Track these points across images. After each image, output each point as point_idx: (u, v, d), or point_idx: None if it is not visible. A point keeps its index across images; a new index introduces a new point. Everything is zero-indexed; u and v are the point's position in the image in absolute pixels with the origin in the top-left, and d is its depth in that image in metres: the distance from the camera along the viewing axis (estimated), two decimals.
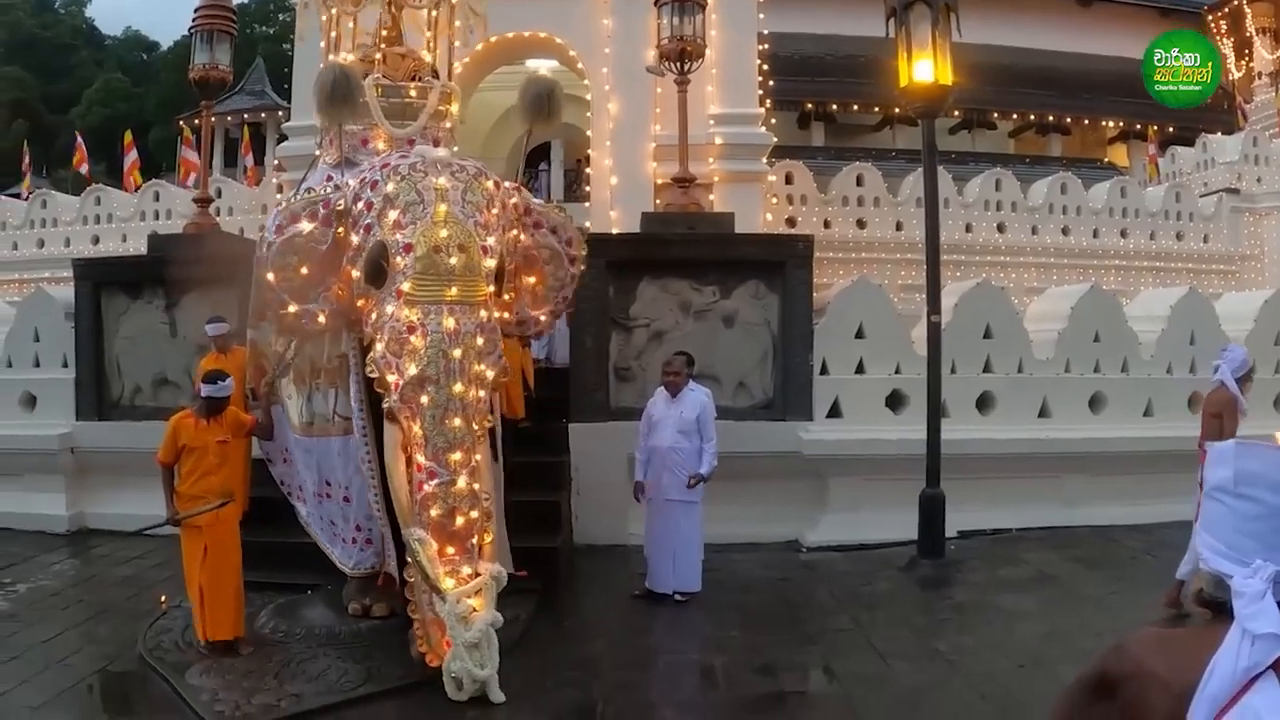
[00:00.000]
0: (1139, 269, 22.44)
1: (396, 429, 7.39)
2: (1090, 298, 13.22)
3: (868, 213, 20.21)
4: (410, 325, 7.35)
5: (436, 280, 7.41)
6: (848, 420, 12.06)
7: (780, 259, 12.23)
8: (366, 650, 8.20)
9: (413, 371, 7.30)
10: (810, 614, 9.75)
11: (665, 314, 12.14)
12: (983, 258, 20.83)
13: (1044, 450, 12.21)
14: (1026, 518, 12.08)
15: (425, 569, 7.09)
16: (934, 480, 10.95)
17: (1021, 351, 12.69)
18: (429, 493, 7.27)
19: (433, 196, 7.54)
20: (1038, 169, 28.04)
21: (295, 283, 7.74)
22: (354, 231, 7.68)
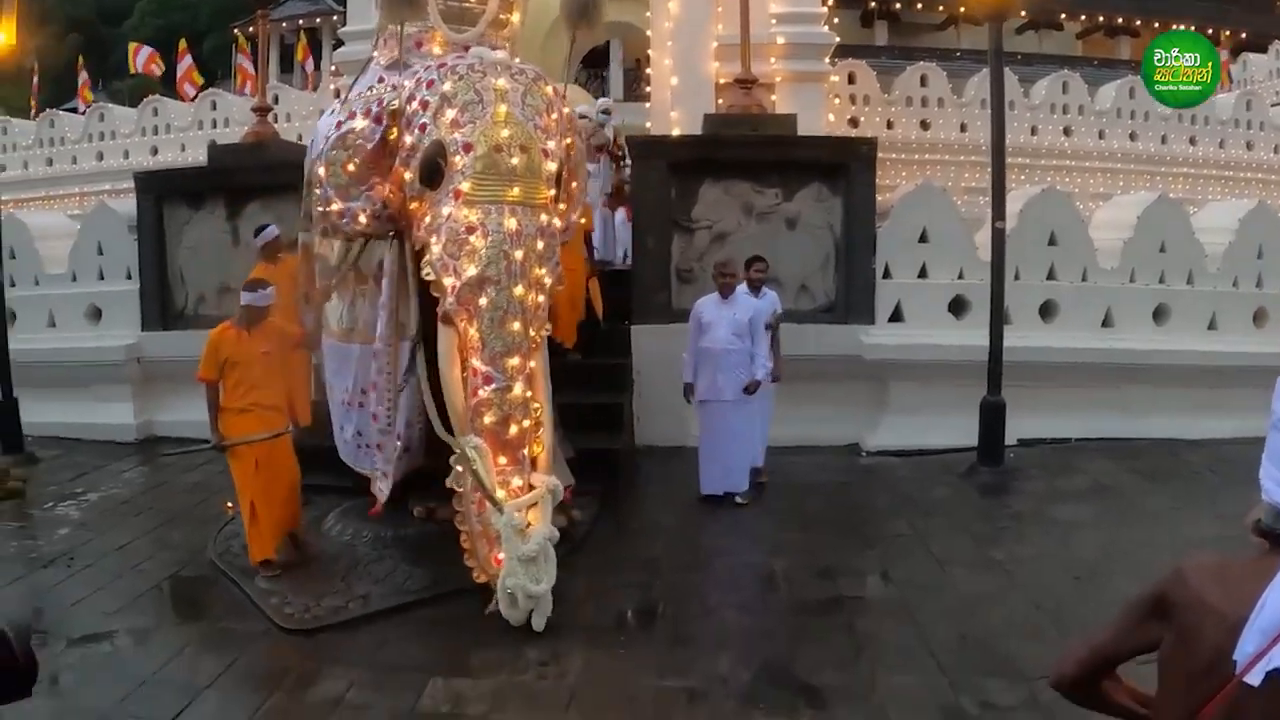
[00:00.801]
0: (1207, 178, 22.01)
1: (451, 332, 7.25)
2: (1158, 207, 12.97)
3: (931, 114, 19.85)
4: (469, 225, 7.16)
5: (498, 180, 7.24)
6: (909, 324, 11.98)
7: (843, 161, 12.10)
8: (433, 553, 8.26)
9: (471, 273, 7.11)
10: (869, 518, 9.82)
11: (727, 216, 12.07)
12: (1048, 162, 20.46)
13: (1106, 360, 12.08)
14: (1087, 427, 11.98)
15: (482, 479, 6.97)
16: (995, 387, 10.87)
17: (1086, 260, 12.49)
18: (484, 399, 7.13)
19: (492, 97, 7.32)
20: (1105, 72, 27.56)
21: (341, 180, 7.61)
22: (407, 131, 7.49)
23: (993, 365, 10.86)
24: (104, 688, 6.53)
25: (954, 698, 6.16)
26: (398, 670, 6.68)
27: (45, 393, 13.28)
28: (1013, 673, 6.44)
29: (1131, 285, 12.62)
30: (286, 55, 41.90)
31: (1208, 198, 20.42)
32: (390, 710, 6.16)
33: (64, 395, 13.50)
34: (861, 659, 6.77)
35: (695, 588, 7.95)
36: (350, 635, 7.30)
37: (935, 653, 6.77)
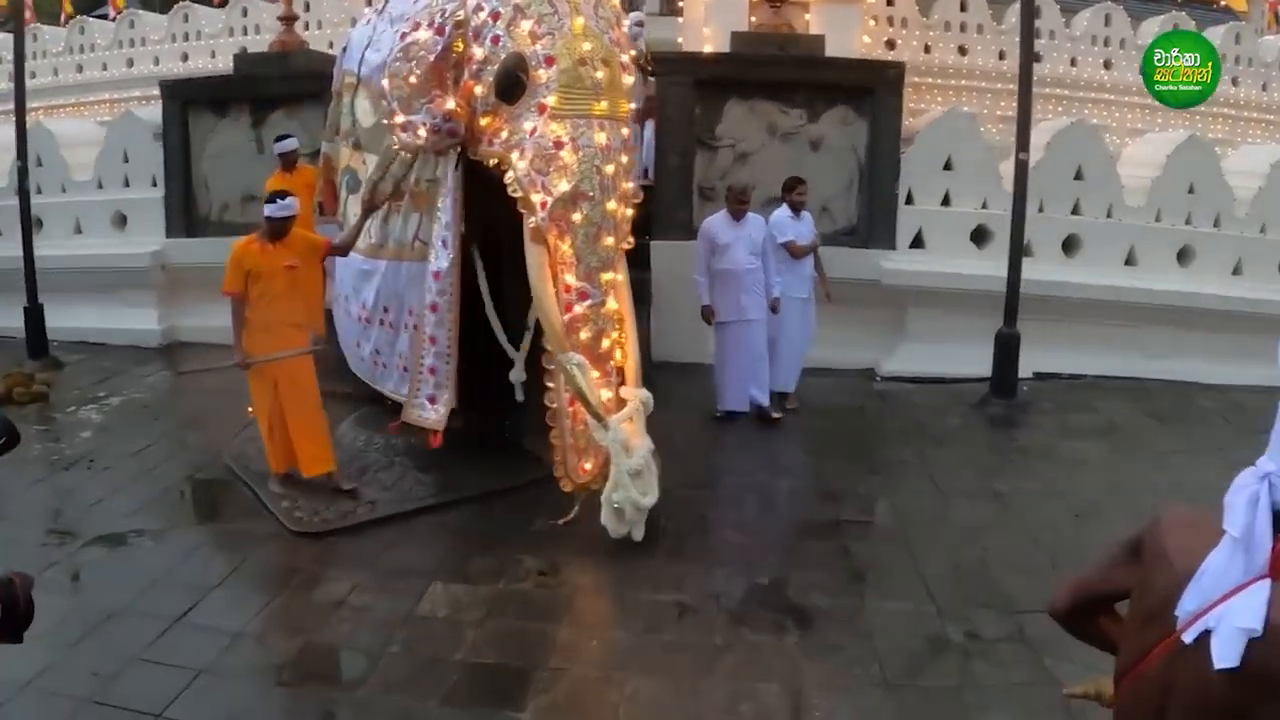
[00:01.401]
0: (1248, 120, 21.68)
1: (542, 249, 7.14)
2: (1188, 147, 12.77)
3: (970, 40, 19.58)
4: (558, 140, 7.07)
5: (584, 94, 7.14)
6: (930, 252, 11.91)
7: (870, 85, 11.98)
8: (442, 461, 8.34)
9: (564, 188, 7.04)
10: (878, 444, 9.89)
11: (751, 135, 11.99)
12: (1086, 94, 20.18)
13: (1127, 299, 11.94)
14: (1104, 365, 11.90)
15: (586, 394, 6.95)
16: (1011, 319, 10.83)
17: (1112, 196, 12.33)
18: (579, 314, 7.14)
19: (567, 9, 7.18)
20: (1151, 6, 27.06)
21: (404, 92, 7.36)
22: (476, 43, 7.27)
23: (1010, 297, 10.80)
24: (118, 585, 6.75)
25: (941, 626, 6.26)
26: (400, 575, 6.86)
27: (72, 298, 13.38)
28: (1002, 604, 6.54)
29: (1157, 225, 12.45)
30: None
31: (1247, 140, 20.17)
32: (389, 612, 6.35)
33: (90, 301, 13.61)
34: (853, 583, 6.88)
35: (697, 505, 8.04)
36: (356, 540, 7.50)
37: (927, 581, 6.87)
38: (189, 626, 6.17)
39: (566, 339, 7.05)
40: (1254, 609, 1.91)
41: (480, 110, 7.32)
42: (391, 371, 8.57)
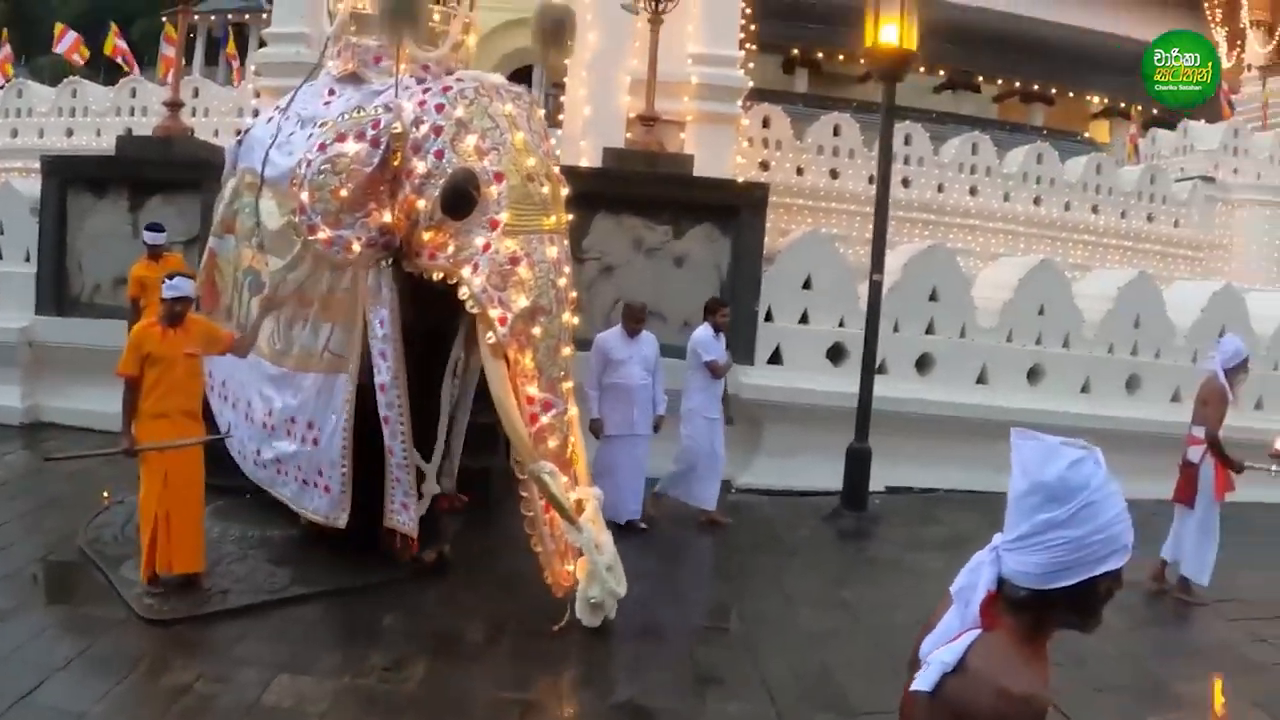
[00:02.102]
0: (1106, 246, 22.57)
1: (502, 364, 7.15)
2: (1039, 271, 13.40)
3: (842, 164, 20.23)
4: (513, 256, 7.11)
5: (534, 209, 7.25)
6: (788, 368, 12.25)
7: (736, 204, 12.36)
8: (295, 555, 8.41)
9: (523, 304, 7.09)
10: (729, 552, 10.03)
11: (617, 249, 12.28)
12: (952, 219, 20.91)
13: (979, 416, 12.34)
14: (956, 479, 12.28)
15: (560, 501, 7.02)
16: (863, 435, 11.17)
17: (966, 316, 12.87)
18: (546, 424, 7.20)
19: (506, 123, 7.32)
20: (1018, 136, 28.07)
21: (332, 206, 7.24)
22: (418, 157, 7.31)
23: (861, 413, 11.15)
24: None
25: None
26: (247, 665, 6.82)
27: None
28: (842, 707, 6.71)
29: (1008, 344, 13.00)
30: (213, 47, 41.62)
31: (1105, 265, 20.99)
32: (234, 702, 6.31)
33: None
34: (697, 686, 7.00)
35: (547, 607, 8.09)
36: (207, 629, 7.44)
37: (770, 685, 7.01)
38: (32, 707, 6.09)
39: (535, 449, 7.09)
40: (956, 650, 2.25)
41: (423, 225, 7.34)
42: (289, 480, 8.46)
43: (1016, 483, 2.30)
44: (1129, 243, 22.85)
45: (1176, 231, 23.62)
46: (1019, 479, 2.28)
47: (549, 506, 7.19)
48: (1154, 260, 22.27)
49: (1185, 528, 9.50)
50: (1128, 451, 12.74)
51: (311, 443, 8.12)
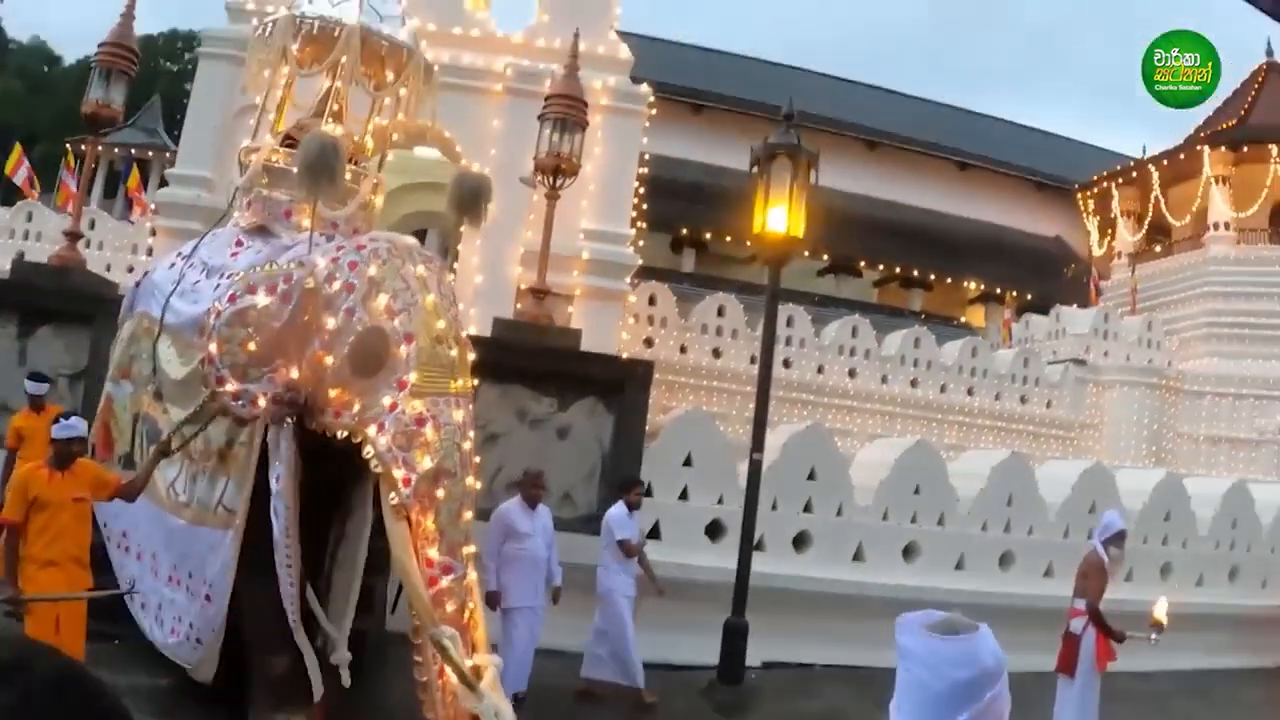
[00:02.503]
0: (981, 426, 23.25)
1: (405, 525, 6.86)
2: (915, 451, 13.78)
3: (725, 343, 20.75)
4: (419, 417, 6.94)
5: (441, 372, 7.11)
6: (666, 543, 12.30)
7: (621, 380, 12.55)
8: (169, 705, 8.20)
9: (427, 465, 6.89)
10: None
11: (501, 419, 12.30)
12: (831, 400, 21.45)
13: (856, 593, 12.54)
14: (832, 655, 12.37)
15: (461, 667, 6.61)
16: (739, 610, 11.25)
17: (843, 496, 13.11)
18: (445, 588, 6.90)
19: (418, 285, 7.23)
20: (896, 320, 29.06)
21: (240, 359, 7.24)
22: (329, 313, 7.23)
23: (739, 589, 11.24)
24: None
25: None
26: None
27: None
28: None
29: (885, 523, 13.25)
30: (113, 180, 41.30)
31: (981, 445, 21.56)
32: None
33: None
34: None
35: None
36: None
37: None
38: None
39: (434, 612, 6.80)
40: None
41: (330, 382, 7.22)
42: (183, 640, 8.13)
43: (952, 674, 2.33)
44: (1003, 423, 23.54)
45: (1048, 412, 24.40)
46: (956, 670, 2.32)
47: (443, 672, 6.87)
48: (1027, 440, 22.99)
49: (1068, 698, 9.69)
50: (1002, 626, 12.85)
51: (204, 599, 7.85)
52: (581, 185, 15.18)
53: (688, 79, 34.48)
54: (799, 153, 11.96)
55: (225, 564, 7.66)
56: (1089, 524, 14.30)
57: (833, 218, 24.64)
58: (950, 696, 2.30)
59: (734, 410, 19.72)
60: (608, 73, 16.74)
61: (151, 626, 8.53)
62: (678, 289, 22.31)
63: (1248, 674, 14.79)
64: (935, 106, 46.00)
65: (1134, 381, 26.09)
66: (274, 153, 8.92)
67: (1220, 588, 15.57)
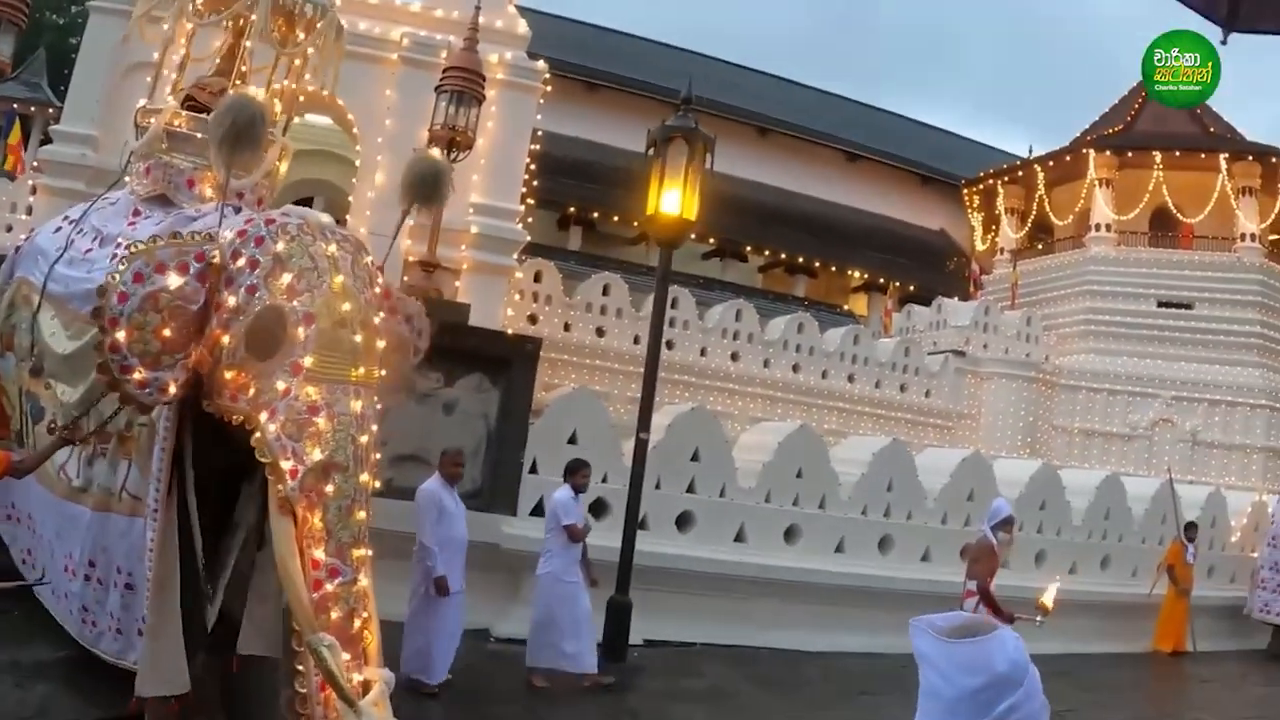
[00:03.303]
0: (861, 413, 23.59)
1: (289, 521, 6.28)
2: (798, 435, 13.95)
3: (609, 322, 20.76)
4: (313, 405, 6.34)
5: (341, 358, 6.48)
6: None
7: (508, 356, 12.50)
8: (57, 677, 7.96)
9: (317, 457, 6.29)
10: (486, 702, 9.89)
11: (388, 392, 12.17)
12: (713, 383, 21.59)
13: (737, 573, 12.69)
14: (713, 634, 12.50)
15: (339, 680, 5.95)
16: (623, 588, 11.32)
17: (726, 477, 13.23)
18: (329, 592, 6.23)
19: (327, 265, 6.64)
20: (780, 305, 29.37)
21: (153, 347, 6.50)
22: (229, 290, 6.63)
23: (622, 568, 11.32)
24: None
25: None
26: None
27: None
28: None
29: (766, 505, 13.40)
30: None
31: (860, 431, 21.88)
32: None
33: None
34: None
35: None
36: None
37: None
38: None
39: (316, 619, 6.16)
40: None
41: (226, 363, 6.62)
42: (104, 632, 7.62)
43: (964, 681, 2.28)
44: (882, 410, 23.92)
45: (927, 401, 24.85)
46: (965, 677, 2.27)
47: (325, 684, 6.19)
48: (905, 428, 23.40)
49: None
50: (880, 608, 13.45)
51: (123, 588, 7.37)
52: (473, 159, 15.12)
53: (583, 57, 34.41)
54: (696, 137, 12.02)
55: (139, 552, 7.11)
56: (967, 510, 14.74)
57: (721, 202, 24.74)
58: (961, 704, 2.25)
59: (615, 389, 19.79)
60: (505, 47, 16.62)
61: (64, 616, 8.09)
62: (564, 266, 22.26)
63: (1115, 658, 15.27)
64: (827, 97, 46.50)
65: (1012, 374, 26.75)
66: (175, 115, 8.36)
67: (1092, 575, 16.06)
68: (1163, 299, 29.19)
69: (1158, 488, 18.01)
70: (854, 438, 18.51)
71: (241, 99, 7.35)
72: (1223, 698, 14.47)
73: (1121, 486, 17.32)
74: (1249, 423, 27.23)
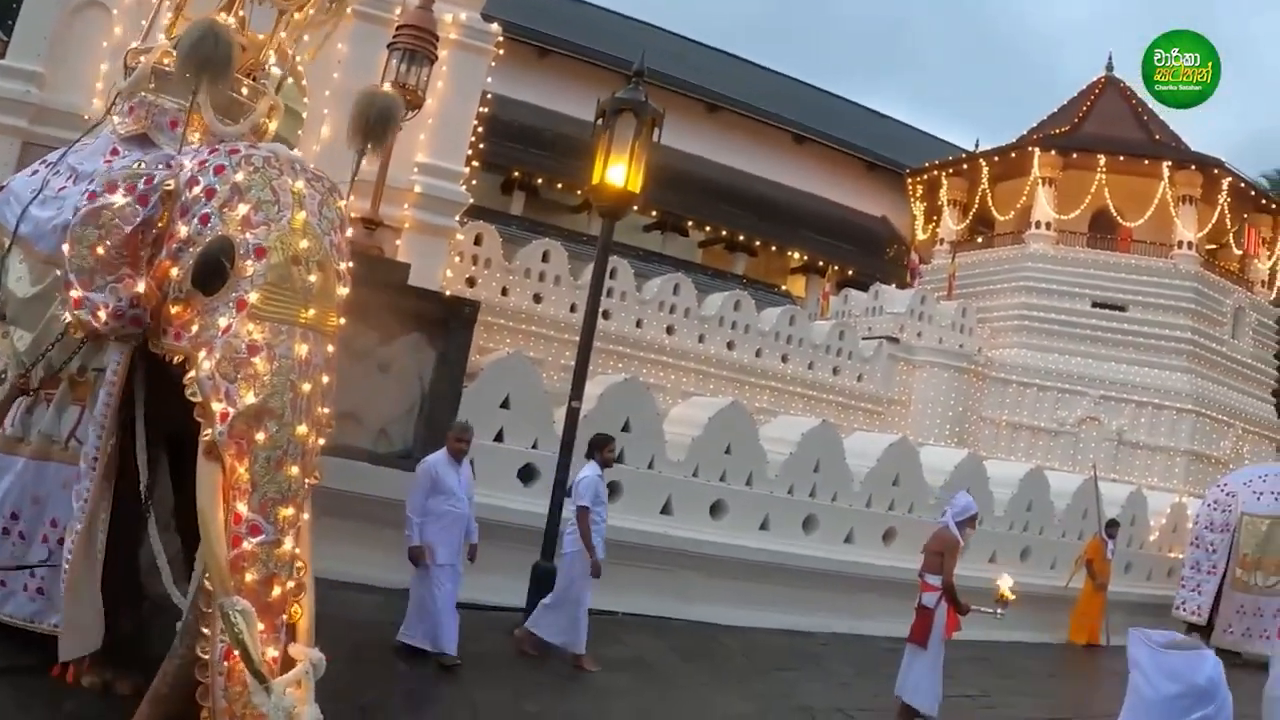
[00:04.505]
0: (793, 393, 23.82)
1: (215, 468, 5.90)
2: (728, 412, 14.07)
3: (547, 289, 20.79)
4: (253, 345, 6.00)
5: (291, 297, 6.15)
6: (480, 484, 12.25)
7: (445, 318, 12.45)
8: None
9: (250, 401, 5.92)
10: (411, 663, 9.88)
11: None
12: (648, 355, 21.72)
13: (663, 545, 12.84)
14: (636, 604, 12.65)
15: (249, 649, 5.52)
16: (548, 555, 11.38)
17: (655, 449, 13.32)
18: (246, 551, 5.83)
19: (290, 200, 6.31)
20: (719, 282, 29.52)
21: (87, 263, 6.28)
22: (182, 220, 6.35)
23: (549, 534, 11.38)
24: None
25: None
26: None
27: None
28: None
29: (694, 479, 13.53)
30: None
31: (790, 411, 22.09)
32: None
33: None
34: None
35: None
36: None
37: None
38: None
39: (230, 579, 5.73)
40: None
41: (172, 296, 6.35)
42: (14, 592, 7.12)
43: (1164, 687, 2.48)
44: (814, 392, 24.18)
45: (859, 385, 25.15)
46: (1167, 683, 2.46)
47: (231, 653, 5.71)
48: (836, 410, 23.67)
49: (918, 664, 10.19)
50: (802, 586, 13.62)
51: (55, 543, 6.94)
52: (421, 119, 15.04)
53: (537, 22, 34.26)
54: (645, 110, 12.02)
55: (83, 505, 6.63)
56: (891, 495, 14.97)
57: (666, 175, 24.81)
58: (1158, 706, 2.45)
59: (550, 357, 19.86)
60: (460, 7, 16.57)
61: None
62: (505, 231, 22.22)
63: (1031, 647, 15.61)
64: (778, 77, 46.62)
65: (944, 364, 27.11)
66: (165, 55, 7.91)
67: (1012, 565, 16.31)
68: (1097, 299, 29.71)
69: (1081, 484, 18.38)
70: (784, 417, 18.70)
71: (204, 19, 7.13)
72: None
73: (1045, 480, 17.63)
74: (1174, 426, 27.79)
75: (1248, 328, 31.05)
